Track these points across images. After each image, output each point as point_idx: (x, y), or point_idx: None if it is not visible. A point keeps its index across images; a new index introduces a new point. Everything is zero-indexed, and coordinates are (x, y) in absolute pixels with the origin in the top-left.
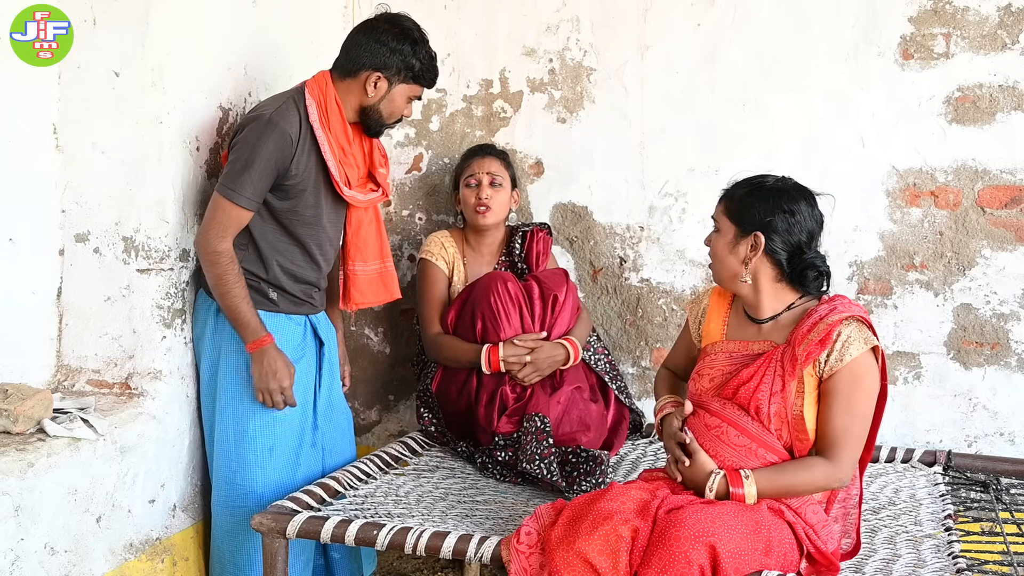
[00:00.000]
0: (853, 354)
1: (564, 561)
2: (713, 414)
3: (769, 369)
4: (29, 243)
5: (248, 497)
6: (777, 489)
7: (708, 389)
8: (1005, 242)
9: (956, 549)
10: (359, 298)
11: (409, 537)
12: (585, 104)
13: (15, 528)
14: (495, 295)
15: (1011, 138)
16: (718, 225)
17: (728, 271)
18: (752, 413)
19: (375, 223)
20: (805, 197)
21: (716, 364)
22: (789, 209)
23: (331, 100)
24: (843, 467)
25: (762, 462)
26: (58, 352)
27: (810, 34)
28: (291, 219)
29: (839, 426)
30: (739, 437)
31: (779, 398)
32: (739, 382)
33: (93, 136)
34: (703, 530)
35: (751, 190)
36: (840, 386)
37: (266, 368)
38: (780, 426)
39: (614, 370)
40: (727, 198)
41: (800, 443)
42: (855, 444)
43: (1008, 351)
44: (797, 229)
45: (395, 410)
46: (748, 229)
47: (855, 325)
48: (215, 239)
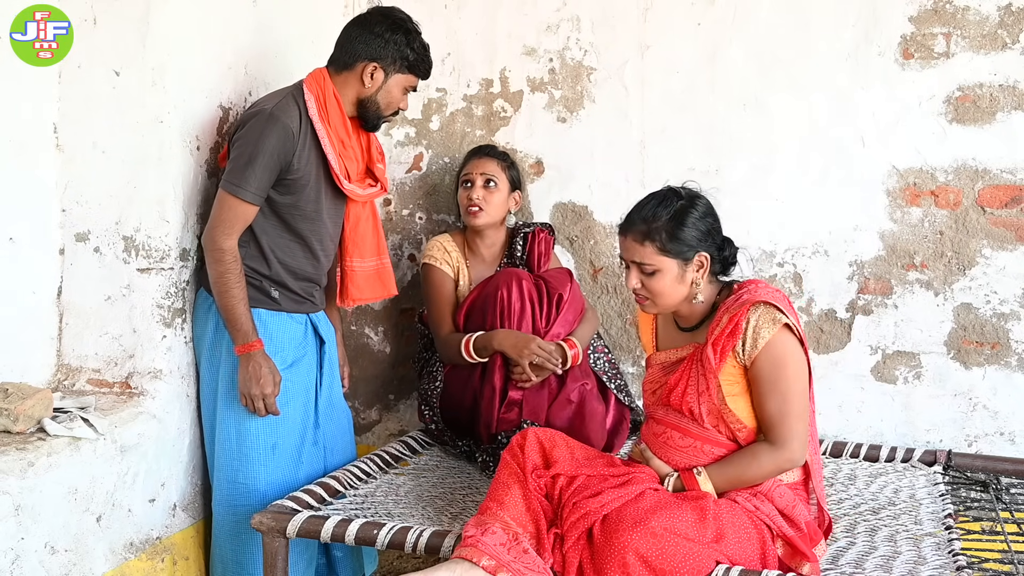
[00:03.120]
0: (766, 337)
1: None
2: (658, 422)
3: (692, 371)
4: (29, 242)
5: (251, 496)
6: (731, 480)
7: (652, 401)
8: (1005, 242)
9: (956, 548)
10: (357, 294)
11: (409, 536)
12: (585, 103)
13: (15, 527)
14: (508, 291)
15: (1011, 138)
16: (651, 266)
17: (678, 298)
18: (687, 415)
19: (372, 219)
20: (704, 199)
21: (653, 376)
22: (703, 215)
23: (330, 94)
24: (790, 447)
25: (710, 458)
26: (58, 351)
27: (810, 33)
28: (292, 214)
29: (773, 409)
30: (683, 439)
31: (707, 397)
32: (669, 388)
33: (93, 135)
34: (638, 517)
35: (673, 219)
36: (763, 371)
37: (251, 373)
38: (716, 423)
39: (614, 369)
40: (649, 238)
41: (740, 433)
42: (795, 423)
43: (1008, 351)
44: (716, 228)
45: (395, 409)
46: (691, 255)
47: (762, 308)
48: (220, 236)
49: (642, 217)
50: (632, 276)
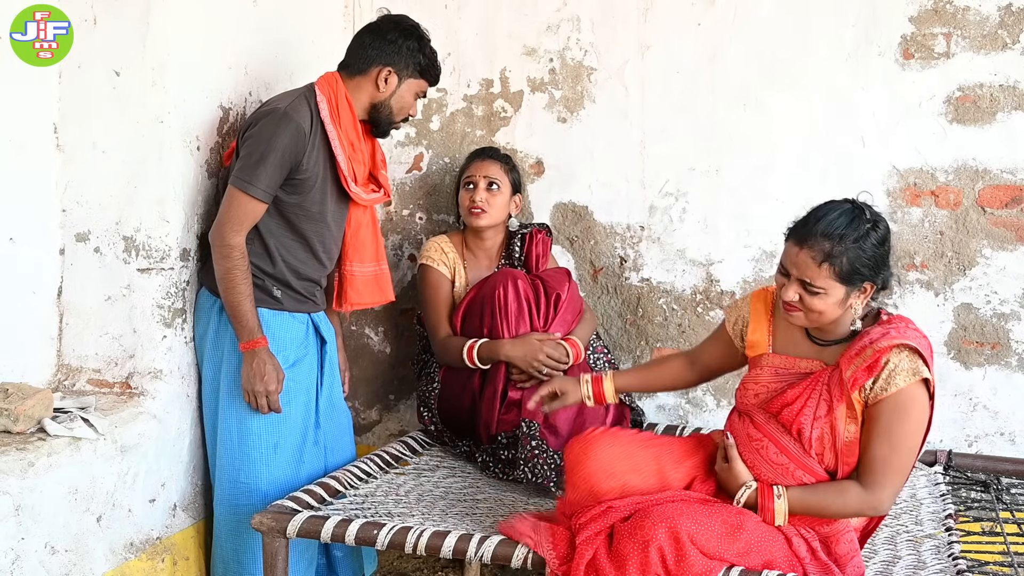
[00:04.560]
0: (899, 384)
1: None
2: (757, 427)
3: (815, 392)
4: (30, 242)
5: (252, 495)
6: (808, 508)
7: (755, 403)
8: (1005, 242)
9: (956, 549)
10: (355, 298)
11: (409, 536)
12: (585, 104)
13: (15, 527)
14: (504, 292)
15: (1012, 138)
16: (819, 287)
17: (833, 318)
18: (794, 435)
19: (372, 225)
20: (881, 220)
21: (762, 379)
22: (881, 241)
23: (342, 97)
24: (880, 497)
25: (797, 482)
26: (58, 351)
27: (811, 33)
28: (297, 214)
29: (879, 455)
30: (778, 455)
31: (823, 422)
32: (783, 402)
33: (94, 135)
34: (667, 516)
35: (857, 243)
36: (884, 415)
37: (255, 369)
38: (822, 450)
39: (614, 369)
40: (833, 263)
41: (847, 467)
42: (895, 475)
43: (1008, 351)
44: (888, 255)
45: (395, 410)
46: (859, 283)
47: (906, 354)
48: (229, 232)
49: (826, 234)
50: (791, 289)
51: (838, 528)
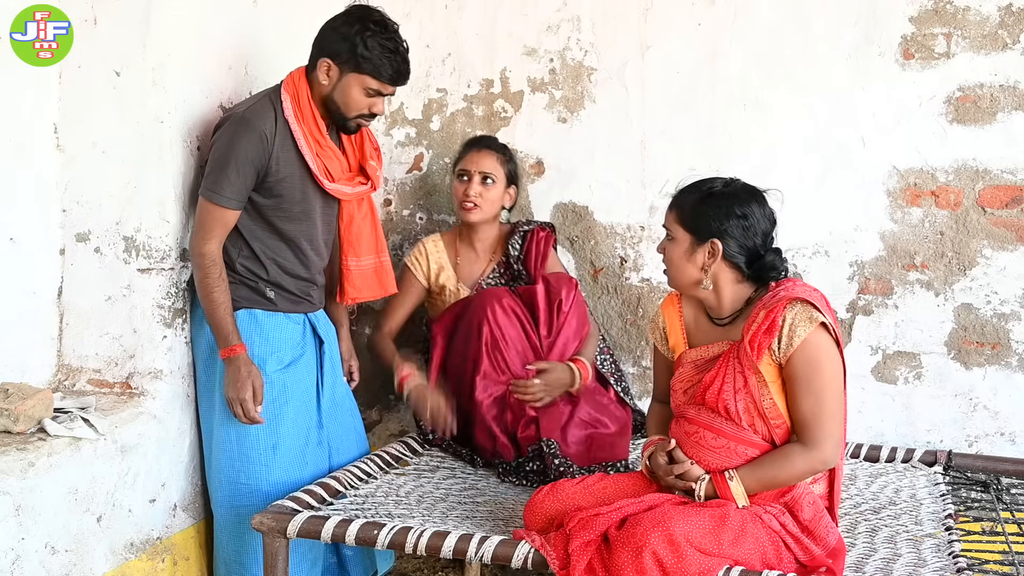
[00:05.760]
0: (802, 335)
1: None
2: (690, 421)
3: (729, 367)
4: (30, 243)
5: (253, 496)
6: (763, 482)
7: (684, 400)
8: (1006, 242)
9: (956, 549)
10: (354, 293)
11: (409, 537)
12: (586, 104)
13: (16, 527)
14: (494, 317)
15: (1012, 138)
16: (671, 233)
17: (687, 278)
18: (723, 413)
19: (370, 217)
20: (756, 198)
21: (684, 375)
22: (742, 213)
23: (303, 94)
24: (823, 449)
25: (743, 458)
26: (59, 352)
27: (811, 34)
28: (278, 216)
29: (807, 409)
30: (716, 439)
31: (743, 393)
32: (704, 386)
33: (94, 136)
34: (659, 520)
35: (702, 197)
36: (798, 370)
37: (230, 377)
38: (752, 421)
39: (619, 371)
40: (677, 207)
41: (778, 431)
42: (829, 423)
43: (1009, 351)
44: (751, 232)
45: (395, 410)
46: (704, 237)
47: (799, 306)
48: (199, 241)
49: (684, 189)
50: (662, 243)
51: (796, 494)
